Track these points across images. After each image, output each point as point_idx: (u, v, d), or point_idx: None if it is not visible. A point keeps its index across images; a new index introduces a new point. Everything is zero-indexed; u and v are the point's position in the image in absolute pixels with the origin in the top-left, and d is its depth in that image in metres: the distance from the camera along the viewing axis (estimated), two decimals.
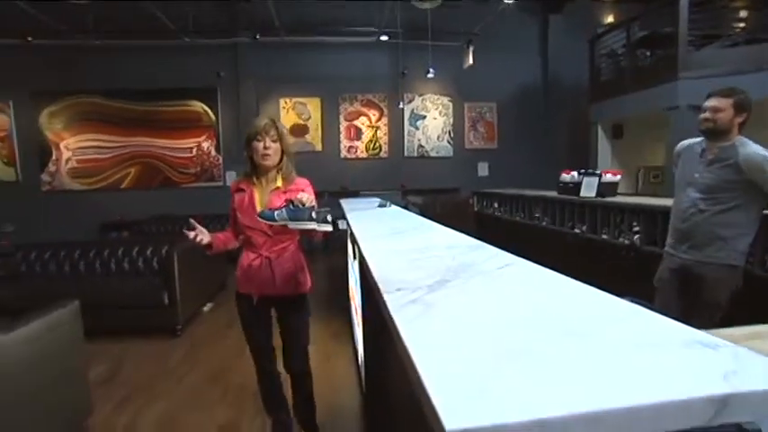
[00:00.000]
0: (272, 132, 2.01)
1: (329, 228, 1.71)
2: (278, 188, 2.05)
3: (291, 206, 1.71)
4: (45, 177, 7.48)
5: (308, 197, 1.72)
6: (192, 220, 2.06)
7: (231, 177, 7.62)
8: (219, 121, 7.58)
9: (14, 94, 7.26)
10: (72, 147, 7.49)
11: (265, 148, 1.99)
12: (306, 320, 2.22)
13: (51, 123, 7.41)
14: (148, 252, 4.20)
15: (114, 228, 7.20)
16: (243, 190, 2.09)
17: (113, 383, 3.16)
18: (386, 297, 0.91)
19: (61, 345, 2.32)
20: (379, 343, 1.78)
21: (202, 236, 2.02)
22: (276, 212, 1.71)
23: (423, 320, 0.79)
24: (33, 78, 7.20)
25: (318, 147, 7.79)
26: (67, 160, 7.50)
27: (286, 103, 7.69)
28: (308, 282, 2.20)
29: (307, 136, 7.77)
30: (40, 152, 7.42)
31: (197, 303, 4.43)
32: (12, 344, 1.98)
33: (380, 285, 1.00)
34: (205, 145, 7.66)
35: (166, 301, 3.83)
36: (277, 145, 2.02)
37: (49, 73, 7.21)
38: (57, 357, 2.28)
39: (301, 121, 7.75)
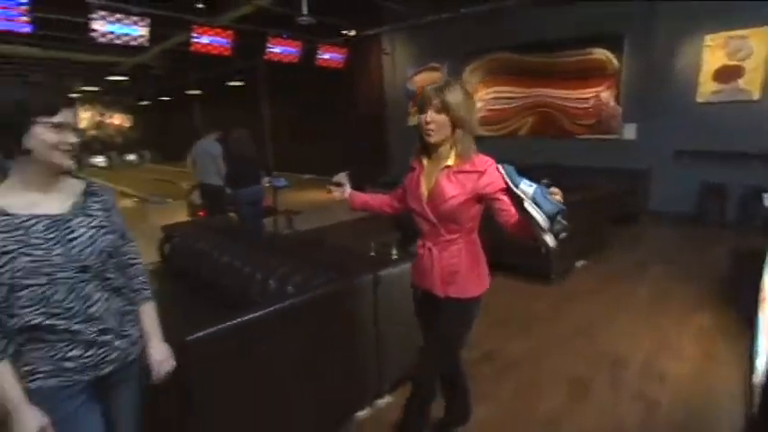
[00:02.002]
0: (436, 101, 1.61)
1: (551, 243, 1.41)
2: (448, 167, 1.68)
3: (545, 190, 1.41)
4: None
5: (560, 199, 1.40)
6: (343, 174, 2.05)
7: (630, 131, 7.07)
8: (624, 69, 7.03)
9: (449, 57, 8.92)
10: (484, 98, 8.66)
11: (426, 122, 1.64)
12: (458, 329, 1.83)
13: (471, 78, 8.75)
14: None
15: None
16: (414, 168, 1.81)
17: (485, 310, 3.70)
18: None
19: None
20: None
21: (336, 190, 2.02)
22: (525, 181, 1.44)
23: None
24: (463, 42, 8.58)
25: (755, 94, 6.07)
26: (479, 110, 8.76)
27: (712, 40, 6.30)
28: (477, 287, 1.79)
29: (739, 81, 6.18)
30: None
31: (572, 257, 4.53)
32: None
33: None
34: (604, 95, 7.31)
35: (544, 249, 4.09)
36: (442, 117, 1.62)
37: (473, 36, 8.41)
38: None
39: (733, 62, 6.20)
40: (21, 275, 1.17)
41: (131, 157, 21.52)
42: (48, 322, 1.21)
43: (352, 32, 9.23)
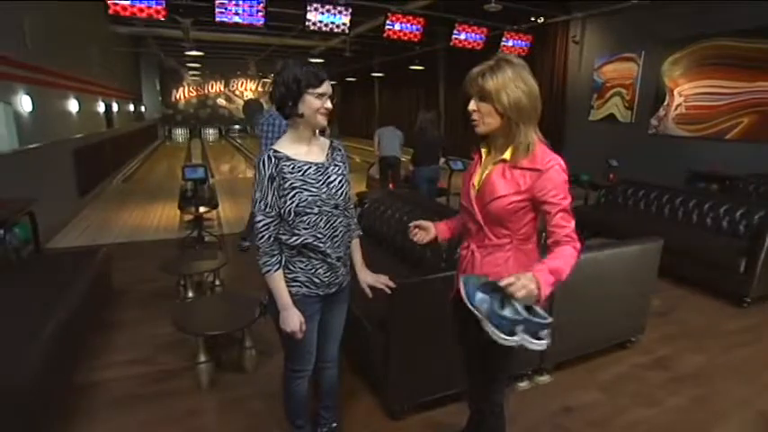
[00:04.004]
0: (476, 87, 1.40)
1: (540, 346, 1.23)
2: (504, 161, 1.43)
3: (492, 297, 1.26)
4: (653, 121, 8.16)
5: (523, 288, 1.17)
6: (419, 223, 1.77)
7: None
8: None
9: (646, 45, 8.09)
10: (685, 93, 7.67)
11: (471, 111, 1.43)
12: (502, 353, 1.44)
13: (671, 70, 7.80)
14: (738, 213, 3.99)
15: (703, 178, 7.09)
16: (472, 158, 1.59)
17: (664, 319, 3.49)
18: None
19: (641, 270, 2.86)
20: None
21: (421, 234, 1.70)
22: (479, 296, 1.28)
23: None
24: (664, 28, 7.70)
25: None
26: (677, 106, 7.79)
27: None
28: None
29: None
30: (654, 98, 8.08)
31: None
32: (609, 258, 2.68)
33: None
34: None
35: (742, 268, 3.64)
36: (487, 107, 1.38)
37: (677, 20, 7.47)
38: (637, 278, 2.86)
39: None
40: (304, 205, 1.60)
41: None
42: (314, 243, 1.65)
43: (541, 19, 8.96)
